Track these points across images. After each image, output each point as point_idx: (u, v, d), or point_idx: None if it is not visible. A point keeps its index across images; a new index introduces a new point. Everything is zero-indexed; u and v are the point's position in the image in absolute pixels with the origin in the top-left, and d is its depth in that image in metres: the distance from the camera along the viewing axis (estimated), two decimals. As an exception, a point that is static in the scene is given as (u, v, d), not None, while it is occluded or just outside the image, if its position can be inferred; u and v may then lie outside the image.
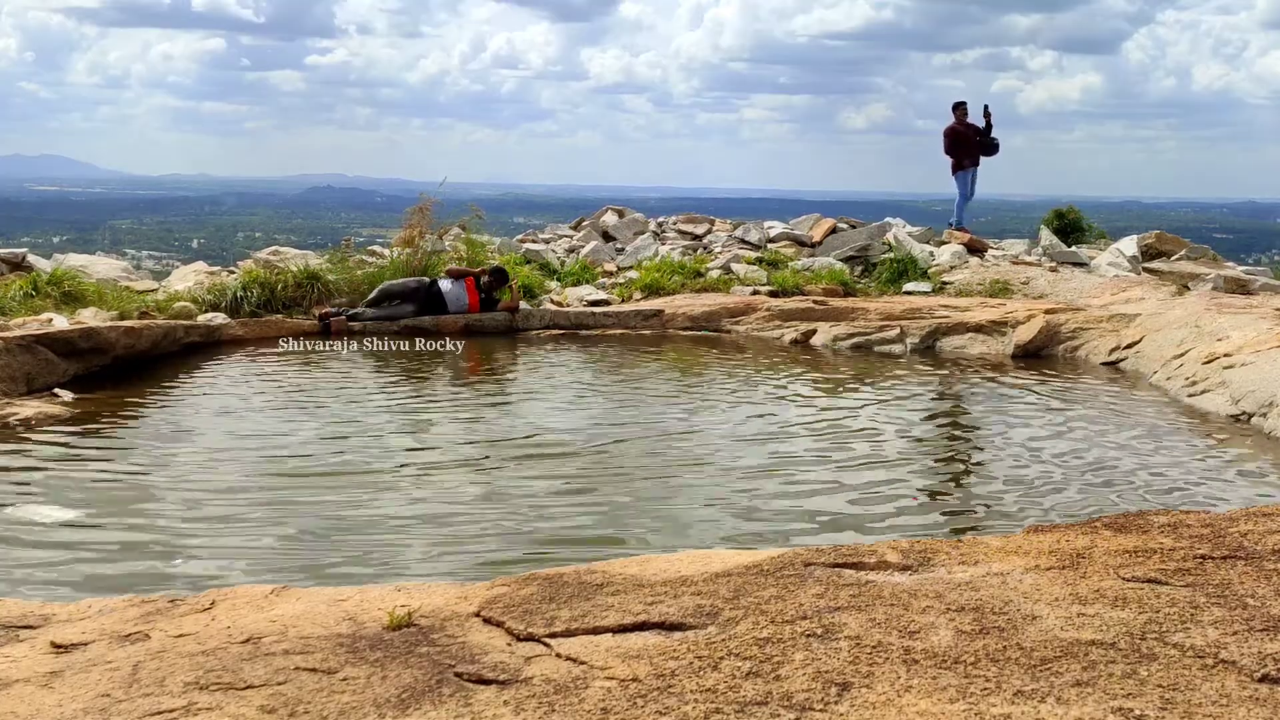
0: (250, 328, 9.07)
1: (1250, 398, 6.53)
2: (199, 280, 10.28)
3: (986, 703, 1.94)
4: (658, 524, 4.53)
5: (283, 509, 4.64)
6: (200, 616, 2.66)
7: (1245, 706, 1.91)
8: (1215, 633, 2.22)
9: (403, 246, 10.86)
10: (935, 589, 2.52)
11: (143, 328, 7.91)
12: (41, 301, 8.68)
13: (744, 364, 8.60)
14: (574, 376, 8.07)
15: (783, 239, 13.00)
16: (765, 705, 1.96)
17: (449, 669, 2.21)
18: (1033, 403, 7.21)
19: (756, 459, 5.59)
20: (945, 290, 11.03)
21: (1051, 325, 9.16)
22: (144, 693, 2.15)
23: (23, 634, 2.62)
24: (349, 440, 5.92)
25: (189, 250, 40.39)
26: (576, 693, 2.06)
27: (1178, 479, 5.28)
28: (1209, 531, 2.95)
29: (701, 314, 10.13)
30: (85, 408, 6.46)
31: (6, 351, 6.74)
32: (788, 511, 4.69)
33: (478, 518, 4.56)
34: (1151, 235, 12.50)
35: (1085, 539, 2.91)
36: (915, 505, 4.91)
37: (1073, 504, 4.85)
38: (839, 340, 9.46)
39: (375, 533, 4.37)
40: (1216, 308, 8.67)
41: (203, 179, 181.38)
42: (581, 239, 13.25)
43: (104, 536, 4.25)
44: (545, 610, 2.50)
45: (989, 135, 12.99)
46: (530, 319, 9.98)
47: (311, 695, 2.11)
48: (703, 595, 2.53)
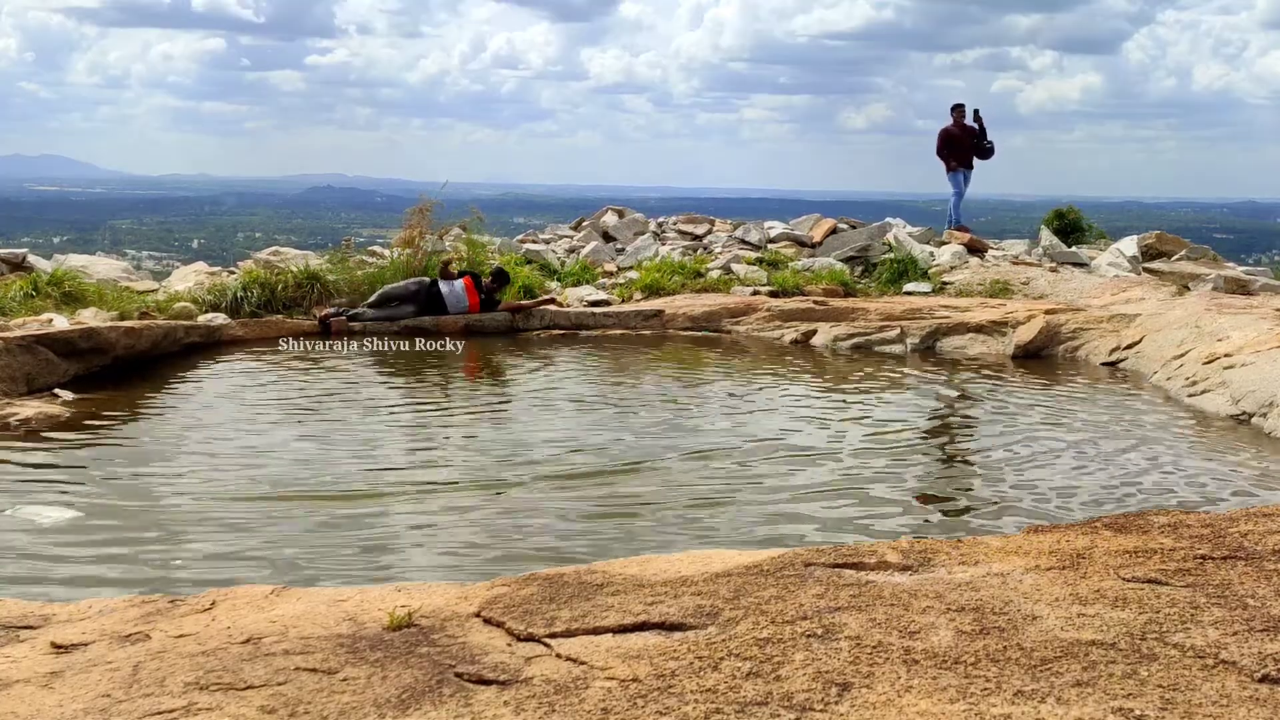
0: (250, 328, 9.07)
1: (1250, 398, 6.53)
2: (199, 280, 10.28)
3: (987, 703, 1.94)
4: (658, 525, 4.53)
5: (283, 509, 4.64)
6: (200, 617, 2.66)
7: (1245, 707, 1.91)
8: (1215, 633, 2.22)
9: (403, 247, 10.87)
10: (935, 589, 2.52)
11: (143, 328, 7.91)
12: (42, 302, 8.68)
13: (744, 364, 8.60)
14: (574, 377, 8.07)
15: (783, 239, 13.00)
16: (765, 705, 1.96)
17: (449, 669, 2.21)
18: (1033, 403, 7.20)
19: (756, 459, 5.59)
20: (945, 290, 11.03)
21: (1052, 325, 9.16)
22: (144, 693, 2.16)
23: (23, 634, 2.62)
24: (349, 441, 5.92)
25: (189, 250, 40.39)
26: (577, 693, 2.06)
27: (1178, 479, 5.28)
28: (1209, 532, 2.95)
29: (702, 314, 10.13)
30: (85, 408, 6.46)
31: (7, 351, 6.74)
32: (787, 511, 4.69)
33: (478, 518, 4.57)
34: (1151, 235, 12.50)
35: (1085, 539, 2.91)
36: (915, 505, 4.91)
37: (1073, 504, 4.85)
38: (839, 341, 9.46)
39: (375, 533, 4.37)
40: (1216, 308, 8.67)
41: (203, 179, 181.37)
42: (581, 239, 13.25)
43: (104, 537, 4.25)
44: (545, 610, 2.50)
45: (984, 139, 13.01)
46: (530, 319, 9.99)
47: (312, 695, 2.11)
48: (703, 595, 2.53)
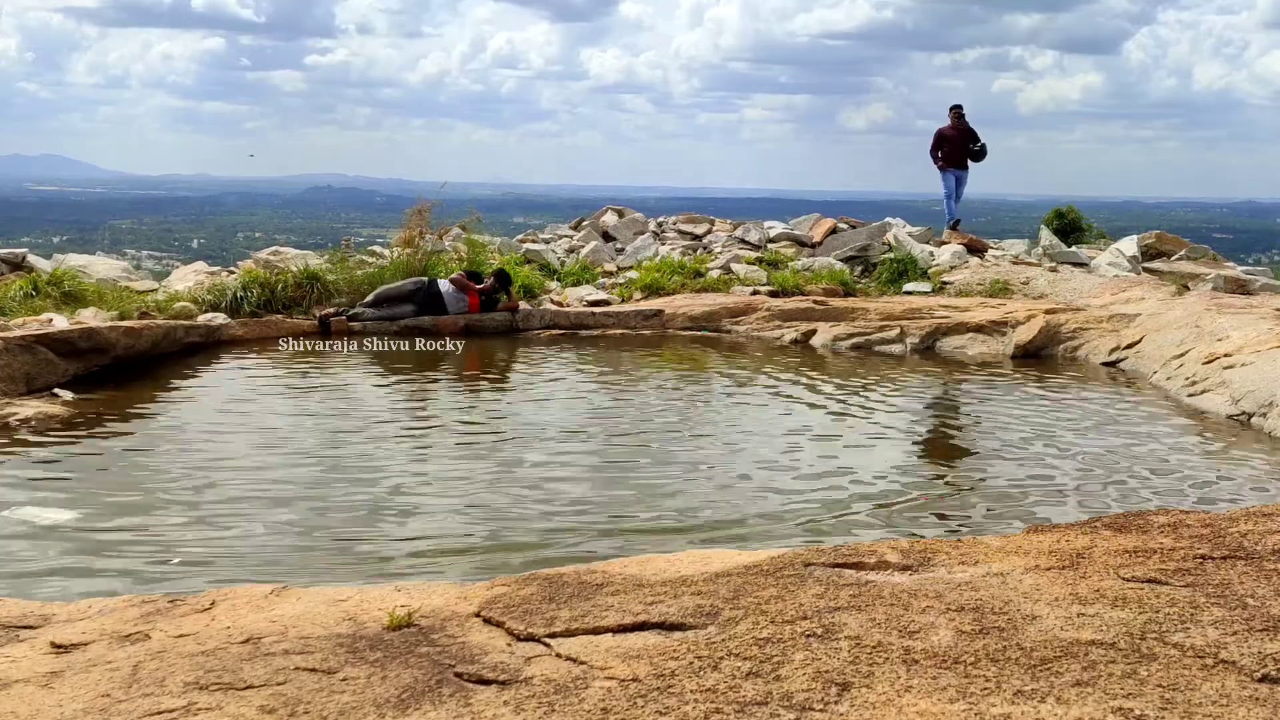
0: (250, 328, 9.07)
1: (1250, 398, 6.53)
2: (199, 280, 10.28)
3: (986, 703, 1.94)
4: (658, 525, 4.53)
5: (283, 509, 4.64)
6: (200, 616, 2.66)
7: (1245, 706, 1.91)
8: (1215, 633, 2.22)
9: (403, 247, 10.87)
10: (935, 589, 2.52)
11: (143, 328, 7.91)
12: (41, 302, 8.68)
13: (744, 364, 8.60)
14: (574, 378, 8.07)
15: (783, 239, 13.00)
16: (765, 705, 1.96)
17: (449, 669, 2.21)
18: (1032, 403, 7.20)
19: (756, 459, 5.59)
20: (945, 290, 11.03)
21: (1051, 325, 9.16)
22: (144, 693, 2.15)
23: (23, 634, 2.62)
24: (349, 441, 5.92)
25: (189, 250, 40.39)
26: (576, 693, 2.06)
27: (1177, 479, 5.28)
28: (1209, 531, 2.95)
29: (701, 314, 10.13)
30: (85, 408, 6.45)
31: (6, 351, 6.73)
32: (787, 511, 4.69)
33: (479, 519, 4.57)
34: (1151, 235, 12.50)
35: (1085, 539, 2.91)
36: (915, 505, 4.91)
37: (1073, 504, 4.85)
38: (839, 340, 9.45)
39: (376, 534, 4.37)
40: (1216, 308, 8.67)
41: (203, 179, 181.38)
42: (581, 239, 13.25)
43: (104, 537, 4.25)
44: (545, 610, 2.50)
45: (977, 141, 12.99)
46: (530, 319, 9.98)
47: (311, 695, 2.11)
48: (703, 595, 2.53)
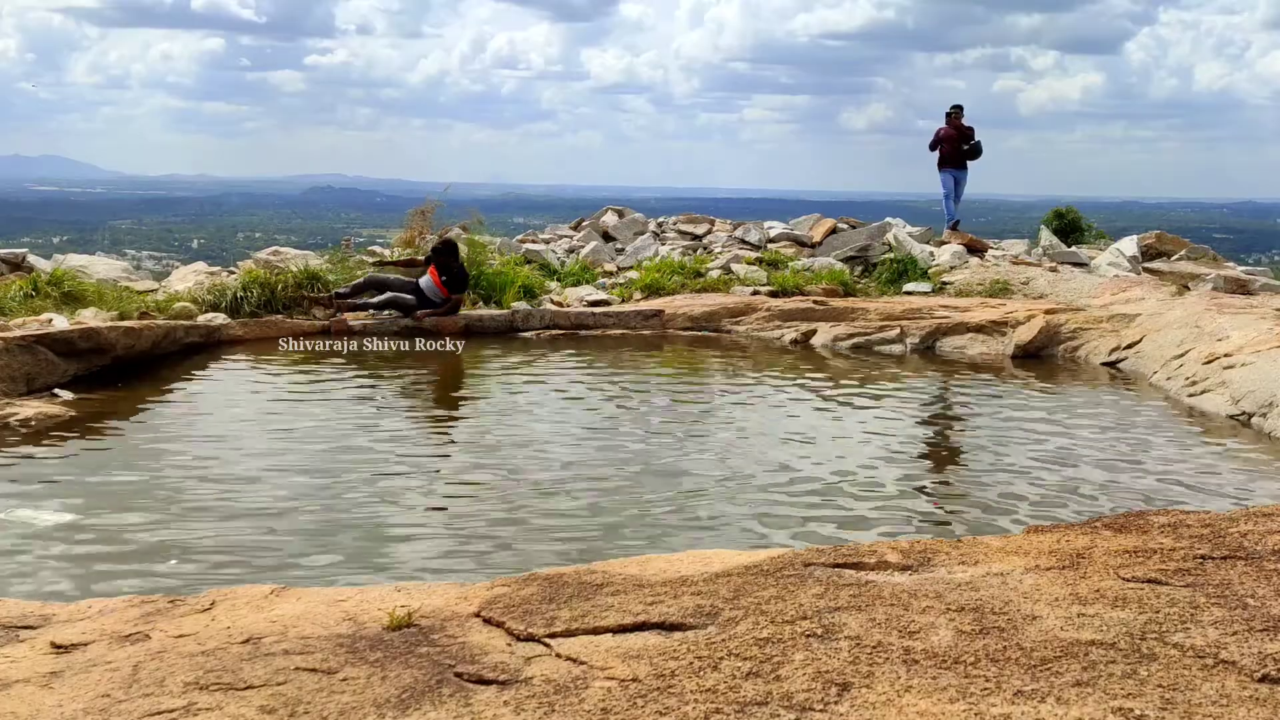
0: (250, 328, 9.07)
1: (1250, 398, 6.53)
2: (199, 280, 10.27)
3: (986, 703, 1.94)
4: (658, 526, 4.53)
5: (283, 510, 4.64)
6: (200, 617, 2.66)
7: (1245, 706, 1.91)
8: (1215, 633, 2.22)
9: (403, 247, 10.88)
10: (935, 589, 2.52)
11: (143, 328, 7.91)
12: (41, 302, 8.68)
13: (744, 364, 8.60)
14: (574, 378, 8.06)
15: (783, 239, 13.00)
16: (765, 705, 1.96)
17: (449, 669, 2.21)
18: (1032, 403, 7.20)
19: (756, 459, 5.59)
20: (945, 290, 11.03)
21: (1051, 325, 9.16)
22: (144, 693, 2.15)
23: (23, 634, 2.62)
24: (349, 441, 5.92)
25: (189, 250, 40.40)
26: (576, 693, 2.05)
27: (1177, 479, 5.28)
28: (1209, 531, 2.95)
29: (702, 314, 10.13)
30: (85, 408, 6.46)
31: (6, 351, 6.74)
32: (787, 512, 4.69)
33: (479, 519, 4.57)
34: (1151, 235, 12.50)
35: (1085, 539, 2.91)
36: (915, 505, 4.91)
37: (1072, 504, 4.85)
38: (839, 340, 9.46)
39: (375, 534, 4.37)
40: (1216, 308, 8.67)
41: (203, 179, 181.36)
42: (581, 239, 13.25)
43: (103, 537, 4.25)
44: (545, 610, 2.50)
45: (968, 141, 12.98)
46: (530, 319, 9.98)
47: (311, 695, 2.11)
48: (703, 595, 2.53)
